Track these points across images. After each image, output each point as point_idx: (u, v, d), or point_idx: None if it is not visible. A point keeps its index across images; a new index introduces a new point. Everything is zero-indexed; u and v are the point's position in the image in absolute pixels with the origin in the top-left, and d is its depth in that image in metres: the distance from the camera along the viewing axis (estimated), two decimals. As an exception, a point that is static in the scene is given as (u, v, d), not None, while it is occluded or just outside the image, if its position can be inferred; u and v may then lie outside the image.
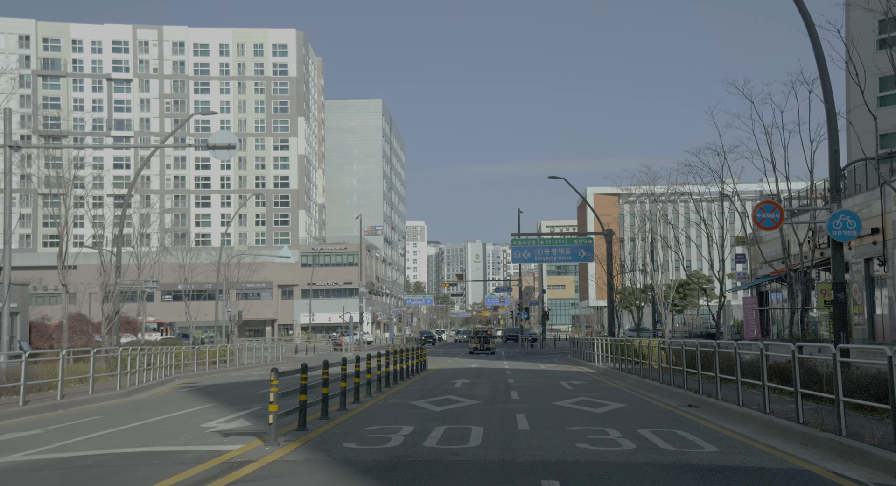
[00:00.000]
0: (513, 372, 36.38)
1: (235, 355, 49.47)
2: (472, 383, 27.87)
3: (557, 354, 65.95)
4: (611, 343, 37.82)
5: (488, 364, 46.47)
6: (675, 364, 25.12)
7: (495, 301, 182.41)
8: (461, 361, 52.70)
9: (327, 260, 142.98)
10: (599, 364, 39.07)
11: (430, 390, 24.88)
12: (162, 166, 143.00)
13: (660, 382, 25.16)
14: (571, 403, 20.00)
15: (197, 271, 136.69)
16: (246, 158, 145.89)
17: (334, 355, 67.66)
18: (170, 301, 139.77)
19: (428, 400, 20.80)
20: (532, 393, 23.40)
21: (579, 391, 24.26)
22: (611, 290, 53.04)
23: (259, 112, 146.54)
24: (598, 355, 40.96)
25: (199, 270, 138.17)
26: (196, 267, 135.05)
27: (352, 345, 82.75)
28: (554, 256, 53.10)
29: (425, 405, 19.63)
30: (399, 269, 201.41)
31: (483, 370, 38.69)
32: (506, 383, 28.39)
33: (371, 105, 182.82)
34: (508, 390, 24.41)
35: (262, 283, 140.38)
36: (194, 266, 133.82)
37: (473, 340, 70.24)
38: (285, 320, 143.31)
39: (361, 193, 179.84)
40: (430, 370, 39.33)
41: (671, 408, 19.07)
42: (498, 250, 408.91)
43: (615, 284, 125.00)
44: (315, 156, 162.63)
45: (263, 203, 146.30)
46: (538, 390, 24.52)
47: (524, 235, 53.31)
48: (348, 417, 17.36)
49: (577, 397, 21.60)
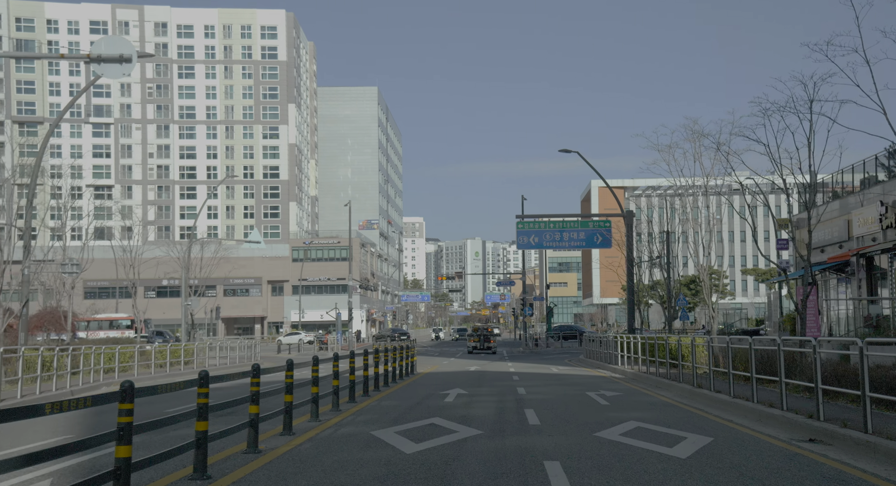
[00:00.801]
0: (521, 378, 29.24)
1: (194, 356, 42.35)
2: (469, 396, 20.70)
3: (566, 354, 58.85)
4: (641, 342, 30.73)
5: (490, 367, 39.36)
6: (740, 370, 19.57)
7: (495, 299, 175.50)
8: (458, 362, 45.60)
9: (319, 255, 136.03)
10: (625, 367, 32.05)
11: (412, 407, 17.78)
12: (144, 155, 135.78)
13: (729, 395, 18.08)
14: (623, 434, 12.85)
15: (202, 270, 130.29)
16: (233, 147, 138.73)
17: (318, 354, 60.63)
18: (153, 297, 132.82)
19: (402, 428, 13.66)
20: (556, 413, 16.20)
21: (620, 408, 17.18)
22: (631, 280, 45.93)
23: (247, 98, 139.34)
24: (621, 356, 33.95)
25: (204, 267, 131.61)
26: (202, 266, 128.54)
27: (339, 344, 75.64)
28: (566, 241, 45.92)
29: (395, 438, 12.46)
30: (396, 265, 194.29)
31: (484, 375, 31.59)
32: (515, 394, 21.25)
33: (366, 93, 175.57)
34: (521, 408, 17.25)
35: (251, 279, 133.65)
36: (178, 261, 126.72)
37: (472, 338, 63.17)
38: (275, 318, 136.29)
39: (356, 186, 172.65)
40: (420, 374, 32.24)
41: (785, 445, 11.89)
42: (498, 247, 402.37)
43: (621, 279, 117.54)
44: (307, 146, 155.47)
45: (252, 194, 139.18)
46: (563, 408, 17.33)
47: (531, 218, 46.07)
48: (253, 469, 10.13)
49: (625, 422, 14.45)
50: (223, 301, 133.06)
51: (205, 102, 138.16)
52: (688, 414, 16.10)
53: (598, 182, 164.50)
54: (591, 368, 37.80)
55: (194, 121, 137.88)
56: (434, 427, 13.68)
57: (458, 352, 64.84)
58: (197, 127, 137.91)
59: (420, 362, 45.03)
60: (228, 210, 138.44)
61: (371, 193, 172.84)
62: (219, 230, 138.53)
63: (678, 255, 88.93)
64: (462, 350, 67.88)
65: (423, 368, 37.84)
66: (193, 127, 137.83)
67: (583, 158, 45.88)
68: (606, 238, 45.85)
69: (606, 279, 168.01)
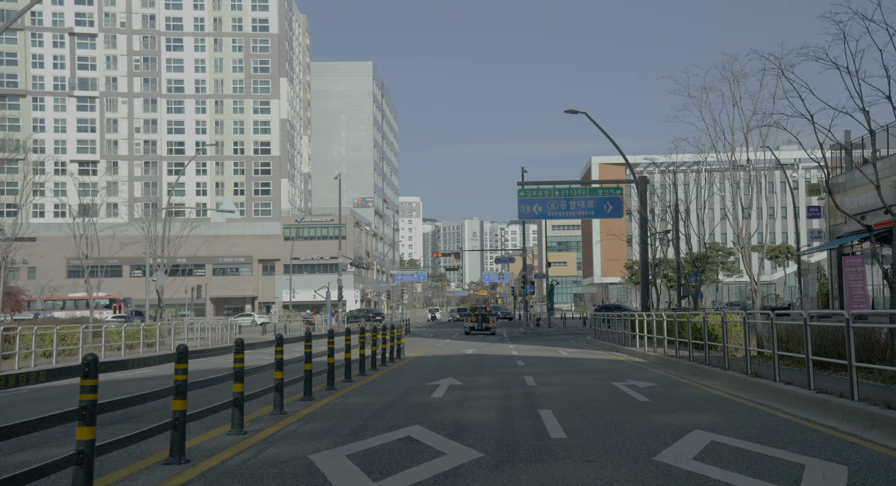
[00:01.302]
0: (527, 364, 24.75)
1: (157, 338, 37.92)
2: (465, 389, 16.15)
3: (571, 334, 54.46)
4: (666, 321, 26.23)
5: (489, 349, 34.95)
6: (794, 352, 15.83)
7: (494, 278, 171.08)
8: (454, 344, 41.16)
9: (312, 233, 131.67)
10: (646, 350, 27.61)
11: (386, 406, 13.27)
12: (130, 130, 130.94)
13: (808, 388, 13.59)
14: (699, 457, 8.29)
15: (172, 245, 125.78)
16: (223, 122, 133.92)
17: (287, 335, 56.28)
18: (139, 277, 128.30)
19: (360, 447, 9.01)
20: (584, 416, 11.63)
21: (667, 407, 12.68)
22: (645, 254, 41.54)
23: (237, 72, 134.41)
24: (640, 336, 29.56)
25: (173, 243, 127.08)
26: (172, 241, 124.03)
27: (329, 324, 71.24)
28: (572, 210, 41.41)
29: (342, 469, 7.85)
30: (392, 245, 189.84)
31: (483, 360, 27.11)
32: (524, 386, 16.73)
33: (361, 68, 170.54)
34: (534, 408, 12.71)
35: (241, 257, 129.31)
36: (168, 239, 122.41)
37: (470, 318, 58.68)
38: (266, 298, 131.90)
39: (351, 163, 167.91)
40: (408, 359, 27.76)
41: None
42: (496, 227, 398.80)
43: (623, 257, 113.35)
44: (300, 121, 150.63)
45: (242, 171, 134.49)
46: (591, 407, 12.75)
47: (533, 185, 41.55)
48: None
49: (688, 432, 9.89)
50: (212, 281, 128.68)
51: (193, 75, 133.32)
52: (766, 417, 11.60)
53: (599, 158, 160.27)
54: (603, 351, 33.39)
55: (183, 95, 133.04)
56: (409, 445, 9.17)
57: (454, 333, 60.47)
58: (185, 101, 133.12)
59: (412, 344, 40.61)
60: (218, 187, 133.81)
61: (366, 171, 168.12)
62: (208, 207, 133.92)
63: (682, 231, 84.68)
64: (459, 331, 63.55)
65: (414, 351, 33.44)
66: (182, 101, 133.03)
67: (590, 118, 41.33)
68: (617, 207, 41.38)
69: (608, 258, 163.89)
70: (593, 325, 45.52)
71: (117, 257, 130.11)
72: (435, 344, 40.55)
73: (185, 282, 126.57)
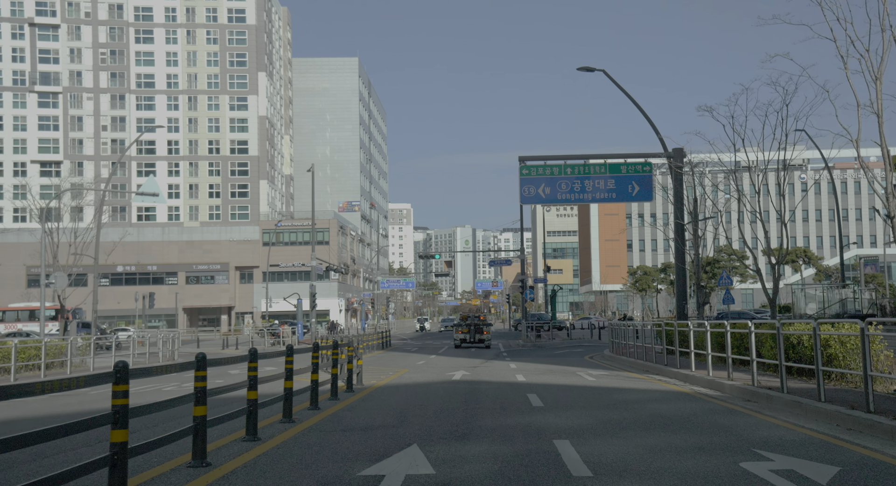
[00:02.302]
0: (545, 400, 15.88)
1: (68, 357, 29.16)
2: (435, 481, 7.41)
3: (580, 347, 45.68)
4: (755, 334, 17.41)
5: (484, 370, 26.10)
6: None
7: (487, 286, 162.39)
8: (440, 362, 32.34)
9: (293, 238, 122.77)
10: (709, 374, 19.00)
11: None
12: (97, 128, 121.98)
13: None
14: None
15: (143, 251, 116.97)
16: (197, 119, 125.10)
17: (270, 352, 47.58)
18: (106, 286, 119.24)
19: None
20: None
21: None
22: (681, 246, 32.79)
23: (212, 66, 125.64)
24: (694, 354, 20.94)
25: (145, 249, 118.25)
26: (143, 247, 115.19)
27: (300, 337, 62.35)
28: (588, 192, 32.69)
29: None
30: (380, 252, 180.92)
31: (476, 394, 18.17)
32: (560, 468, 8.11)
33: (346, 64, 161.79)
34: None
35: (216, 264, 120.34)
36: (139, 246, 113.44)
37: (460, 329, 49.75)
38: (244, 308, 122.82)
39: (336, 165, 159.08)
40: (365, 391, 18.82)
41: None
42: (489, 236, 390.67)
43: (623, 263, 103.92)
44: (280, 120, 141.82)
45: (218, 172, 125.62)
46: None
47: (538, 160, 32.81)
48: None
49: None
50: (186, 290, 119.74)
51: (165, 69, 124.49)
52: None
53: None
54: (639, 372, 24.61)
55: (153, 90, 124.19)
56: None
57: (443, 346, 51.68)
58: (156, 97, 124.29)
59: (388, 361, 31.90)
60: (192, 189, 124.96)
61: (352, 173, 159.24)
62: (181, 211, 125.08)
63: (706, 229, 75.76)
64: (448, 344, 54.81)
65: (383, 373, 24.69)
66: (152, 97, 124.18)
67: (609, 76, 32.64)
68: (645, 187, 32.69)
69: (607, 264, 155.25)
70: (612, 337, 36.78)
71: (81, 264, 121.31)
72: (415, 363, 31.72)
73: (158, 291, 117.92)
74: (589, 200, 32.65)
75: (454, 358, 35.53)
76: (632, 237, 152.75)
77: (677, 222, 31.97)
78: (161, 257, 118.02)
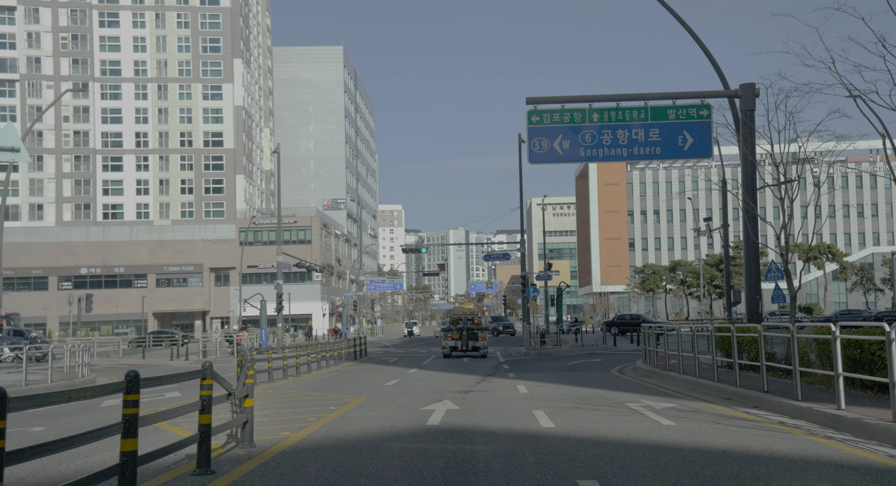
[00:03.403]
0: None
1: None
2: None
3: (598, 357, 36.71)
4: None
5: (480, 401, 16.75)
6: None
7: (481, 288, 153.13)
8: (418, 380, 23.17)
9: (272, 237, 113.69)
10: (860, 415, 10.07)
11: None
12: (58, 119, 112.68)
13: None
14: None
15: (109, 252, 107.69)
16: (167, 109, 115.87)
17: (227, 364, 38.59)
18: (68, 289, 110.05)
19: None
20: None
21: None
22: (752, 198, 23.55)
23: (183, 52, 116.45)
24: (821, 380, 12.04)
25: (111, 250, 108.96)
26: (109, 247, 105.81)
27: (264, 343, 53.20)
28: (622, 144, 23.52)
29: None
30: (369, 253, 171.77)
31: (465, 469, 9.08)
32: None
33: (330, 54, 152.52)
34: None
35: (189, 265, 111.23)
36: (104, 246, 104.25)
37: (450, 334, 40.61)
38: (220, 312, 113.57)
39: (320, 160, 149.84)
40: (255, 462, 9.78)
41: None
42: (482, 238, 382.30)
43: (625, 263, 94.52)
44: (259, 111, 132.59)
45: (191, 166, 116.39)
46: None
47: (556, 102, 23.67)
48: None
49: None
50: (156, 293, 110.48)
51: (132, 55, 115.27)
52: None
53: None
54: (711, 398, 15.66)
55: (119, 78, 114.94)
56: None
57: (429, 355, 42.63)
58: (123, 85, 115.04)
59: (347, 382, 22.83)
60: (162, 184, 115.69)
61: (337, 169, 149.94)
62: (150, 208, 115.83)
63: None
64: (436, 352, 45.85)
65: (318, 411, 15.52)
66: (119, 85, 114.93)
67: None
68: (702, 139, 23.54)
69: (608, 264, 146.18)
70: (645, 343, 27.72)
71: (42, 266, 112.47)
72: (383, 384, 22.48)
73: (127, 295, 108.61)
74: (624, 158, 23.48)
75: (439, 374, 26.35)
76: (634, 236, 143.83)
77: (748, 181, 22.79)
78: (129, 258, 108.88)
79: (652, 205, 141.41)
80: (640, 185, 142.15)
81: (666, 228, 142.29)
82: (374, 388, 21.03)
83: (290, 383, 24.39)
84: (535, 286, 46.15)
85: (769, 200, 75.50)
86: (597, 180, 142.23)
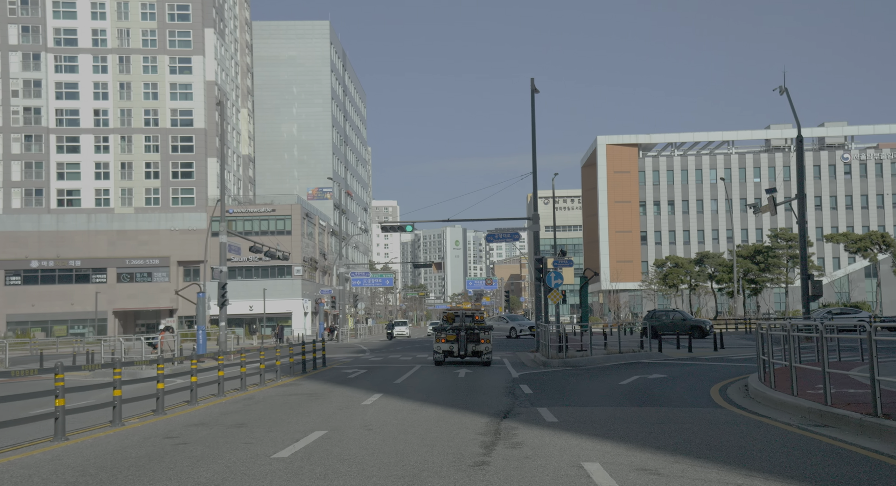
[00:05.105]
0: None
1: None
2: None
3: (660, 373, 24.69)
4: None
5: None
6: None
7: (479, 285, 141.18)
8: (370, 425, 10.96)
9: (248, 227, 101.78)
10: None
11: None
12: (5, 93, 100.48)
13: None
14: None
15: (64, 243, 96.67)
16: (130, 84, 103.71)
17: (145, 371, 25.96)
18: (17, 284, 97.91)
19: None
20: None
21: None
22: None
23: (148, 20, 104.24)
24: None
25: (66, 240, 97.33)
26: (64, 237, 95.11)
27: (201, 349, 41.02)
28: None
29: None
30: (361, 249, 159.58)
31: None
32: None
33: (315, 28, 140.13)
34: None
35: (155, 259, 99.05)
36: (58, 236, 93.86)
37: (444, 335, 29.33)
38: (189, 311, 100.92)
39: (304, 145, 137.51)
40: None
41: None
42: (479, 236, 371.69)
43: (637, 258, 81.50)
44: (235, 90, 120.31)
45: (157, 148, 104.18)
46: None
47: None
48: None
49: None
50: (117, 289, 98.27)
51: (90, 23, 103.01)
52: None
53: (606, 138, 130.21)
54: None
55: (76, 49, 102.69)
56: None
57: (412, 366, 30.43)
58: (80, 57, 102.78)
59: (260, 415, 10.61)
60: (124, 168, 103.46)
61: (322, 155, 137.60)
62: (111, 194, 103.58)
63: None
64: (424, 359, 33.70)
65: None
66: (75, 57, 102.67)
67: None
68: None
69: (618, 259, 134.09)
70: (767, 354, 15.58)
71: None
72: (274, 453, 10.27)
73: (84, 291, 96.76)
74: None
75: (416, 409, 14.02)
76: (646, 228, 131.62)
77: None
78: (86, 249, 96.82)
79: (666, 194, 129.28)
80: (654, 173, 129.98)
81: (681, 219, 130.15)
82: (243, 467, 8.77)
83: (122, 432, 12.18)
84: (559, 272, 33.66)
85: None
86: (605, 168, 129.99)
